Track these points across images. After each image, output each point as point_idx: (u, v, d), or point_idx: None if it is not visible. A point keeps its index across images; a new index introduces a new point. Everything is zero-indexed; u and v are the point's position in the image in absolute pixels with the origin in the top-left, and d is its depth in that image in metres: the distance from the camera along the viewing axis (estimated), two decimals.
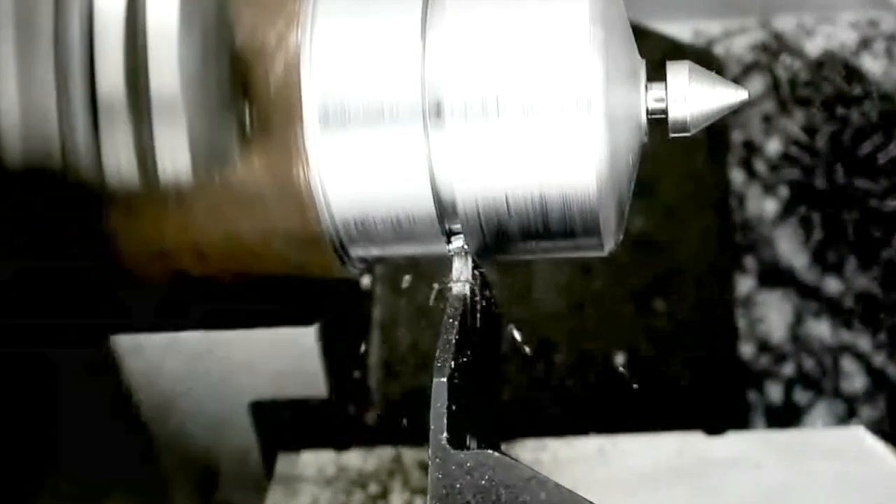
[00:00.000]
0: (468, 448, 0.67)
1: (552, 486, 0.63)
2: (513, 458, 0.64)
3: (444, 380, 0.65)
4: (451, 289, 0.74)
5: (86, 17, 0.66)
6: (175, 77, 0.66)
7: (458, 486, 0.63)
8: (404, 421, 1.32)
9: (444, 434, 0.64)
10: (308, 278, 0.78)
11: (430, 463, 0.64)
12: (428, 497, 0.64)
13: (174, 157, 0.67)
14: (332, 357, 0.81)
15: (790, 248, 1.77)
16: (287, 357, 0.78)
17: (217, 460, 0.90)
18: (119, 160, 0.67)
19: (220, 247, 0.74)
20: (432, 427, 0.65)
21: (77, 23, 0.66)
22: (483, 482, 0.63)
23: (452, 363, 0.67)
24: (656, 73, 0.75)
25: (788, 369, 1.73)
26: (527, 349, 0.85)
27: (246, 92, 0.71)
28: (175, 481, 0.91)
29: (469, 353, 0.70)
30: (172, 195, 0.71)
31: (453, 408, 0.65)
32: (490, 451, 0.64)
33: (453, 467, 0.64)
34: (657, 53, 1.53)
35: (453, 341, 0.68)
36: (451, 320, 0.70)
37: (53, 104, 0.65)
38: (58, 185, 0.67)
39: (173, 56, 0.66)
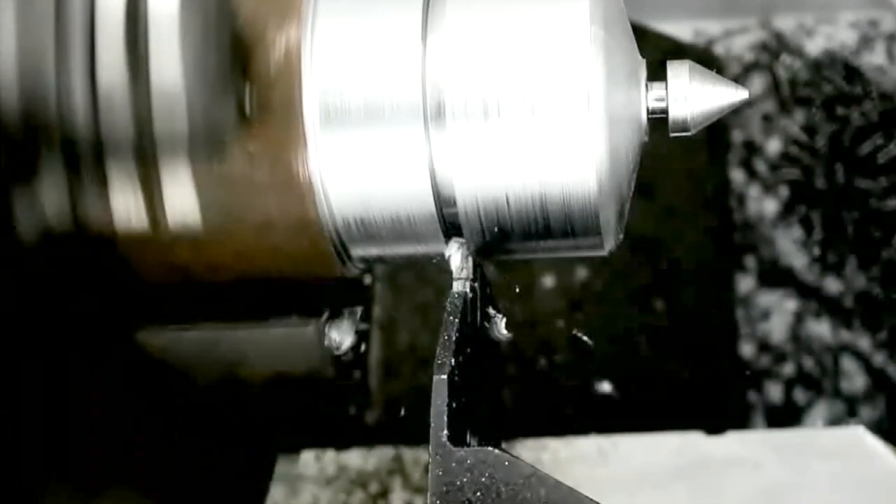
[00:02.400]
0: (468, 445, 0.67)
1: (552, 483, 0.63)
2: (513, 456, 0.64)
3: (445, 377, 0.65)
4: (451, 287, 0.74)
5: (87, 13, 0.67)
6: (177, 67, 0.67)
7: (458, 483, 0.64)
8: (403, 419, 1.32)
9: (445, 431, 0.64)
10: (309, 277, 0.79)
11: (430, 460, 0.64)
12: (428, 494, 0.64)
13: (174, 139, 0.68)
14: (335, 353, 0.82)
15: (790, 248, 1.77)
16: (290, 353, 0.78)
17: (227, 453, 0.90)
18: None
19: (222, 245, 0.74)
20: (433, 424, 0.65)
21: (79, 18, 0.67)
22: (483, 479, 0.64)
23: (452, 361, 0.67)
24: (656, 73, 0.75)
25: (788, 369, 1.74)
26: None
27: (247, 83, 0.71)
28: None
29: (469, 350, 0.71)
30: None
31: (453, 405, 0.65)
32: (490, 449, 0.64)
33: (454, 464, 0.64)
34: (657, 53, 1.53)
35: (453, 339, 0.68)
36: (451, 318, 0.70)
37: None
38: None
39: (175, 45, 0.67)
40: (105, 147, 0.69)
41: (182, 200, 0.71)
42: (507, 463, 0.64)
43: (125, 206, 0.71)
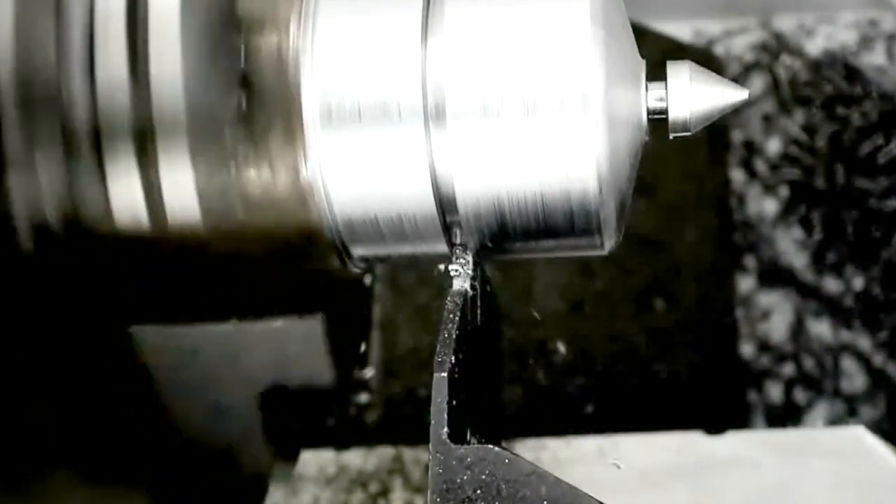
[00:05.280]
0: (468, 443, 0.67)
1: (552, 481, 0.63)
2: (513, 453, 0.64)
3: (445, 375, 0.66)
4: (451, 284, 0.74)
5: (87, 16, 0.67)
6: (177, 65, 0.67)
7: (458, 480, 0.64)
8: (403, 418, 1.32)
9: (445, 429, 0.65)
10: (311, 274, 0.79)
11: (430, 458, 0.64)
12: (429, 492, 0.64)
13: (174, 137, 0.68)
14: (336, 349, 0.82)
15: (790, 248, 1.77)
16: (293, 348, 0.79)
17: (225, 450, 0.91)
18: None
19: (221, 243, 0.74)
20: (433, 422, 0.65)
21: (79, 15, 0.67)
22: (483, 477, 0.64)
23: (453, 358, 0.67)
24: (656, 73, 0.75)
25: (788, 369, 1.74)
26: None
27: (247, 87, 0.71)
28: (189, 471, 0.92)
29: (469, 348, 0.71)
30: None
31: (453, 402, 0.66)
32: (491, 446, 0.64)
33: (454, 462, 0.64)
34: (657, 53, 1.53)
35: (453, 337, 0.68)
36: (451, 316, 0.70)
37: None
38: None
39: (175, 44, 0.67)
40: (104, 140, 0.69)
41: (182, 198, 0.72)
42: (507, 460, 0.64)
43: (124, 202, 0.71)
